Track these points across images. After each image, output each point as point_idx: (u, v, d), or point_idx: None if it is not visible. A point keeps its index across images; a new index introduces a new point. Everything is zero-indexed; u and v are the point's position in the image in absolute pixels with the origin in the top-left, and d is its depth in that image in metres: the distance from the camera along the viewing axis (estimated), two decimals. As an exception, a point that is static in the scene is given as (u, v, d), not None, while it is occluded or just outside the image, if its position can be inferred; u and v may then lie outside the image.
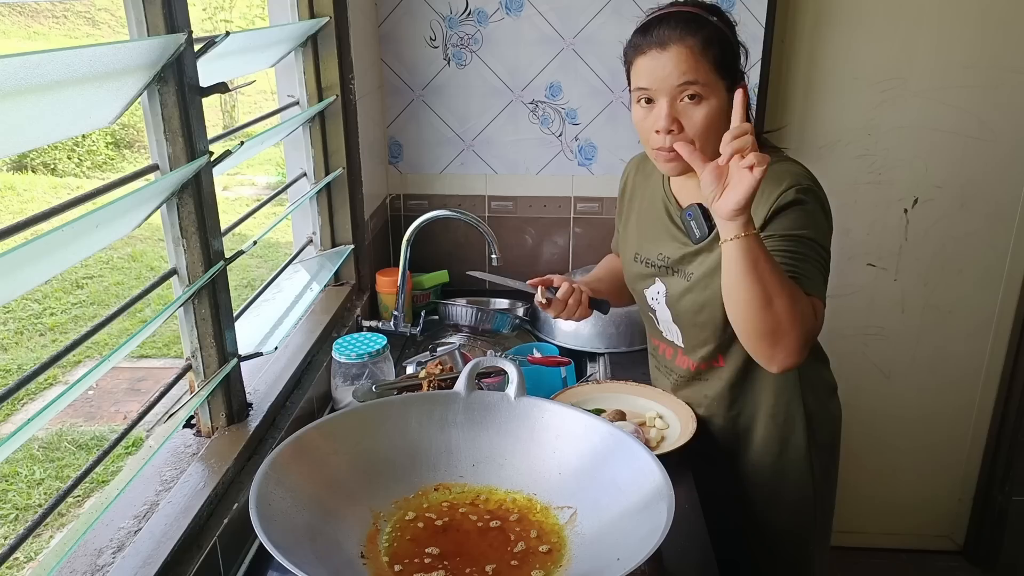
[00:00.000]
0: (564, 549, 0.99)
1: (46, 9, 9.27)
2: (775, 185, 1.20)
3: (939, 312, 2.29)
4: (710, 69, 1.16)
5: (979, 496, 2.46)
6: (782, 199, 1.18)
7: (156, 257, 5.49)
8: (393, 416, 1.12)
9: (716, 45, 1.17)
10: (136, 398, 3.84)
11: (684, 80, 1.16)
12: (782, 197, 1.18)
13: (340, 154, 1.70)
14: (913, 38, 2.04)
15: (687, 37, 1.15)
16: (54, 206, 0.79)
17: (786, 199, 1.18)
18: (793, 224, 1.18)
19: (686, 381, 1.42)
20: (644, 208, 1.41)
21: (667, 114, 1.18)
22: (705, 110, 1.17)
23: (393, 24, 1.97)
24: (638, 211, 1.43)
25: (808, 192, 1.19)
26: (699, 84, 1.16)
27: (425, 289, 2.02)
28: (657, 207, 1.37)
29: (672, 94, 1.17)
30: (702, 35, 1.16)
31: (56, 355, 0.80)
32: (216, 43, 1.05)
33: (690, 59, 1.15)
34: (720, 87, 1.18)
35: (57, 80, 0.76)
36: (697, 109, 1.17)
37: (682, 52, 1.15)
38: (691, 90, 1.16)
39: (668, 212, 1.35)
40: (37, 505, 3.12)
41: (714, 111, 1.18)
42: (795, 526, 1.43)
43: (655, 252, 1.37)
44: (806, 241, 1.17)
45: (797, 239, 1.17)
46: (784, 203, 1.18)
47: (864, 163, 2.16)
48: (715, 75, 1.17)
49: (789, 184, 1.19)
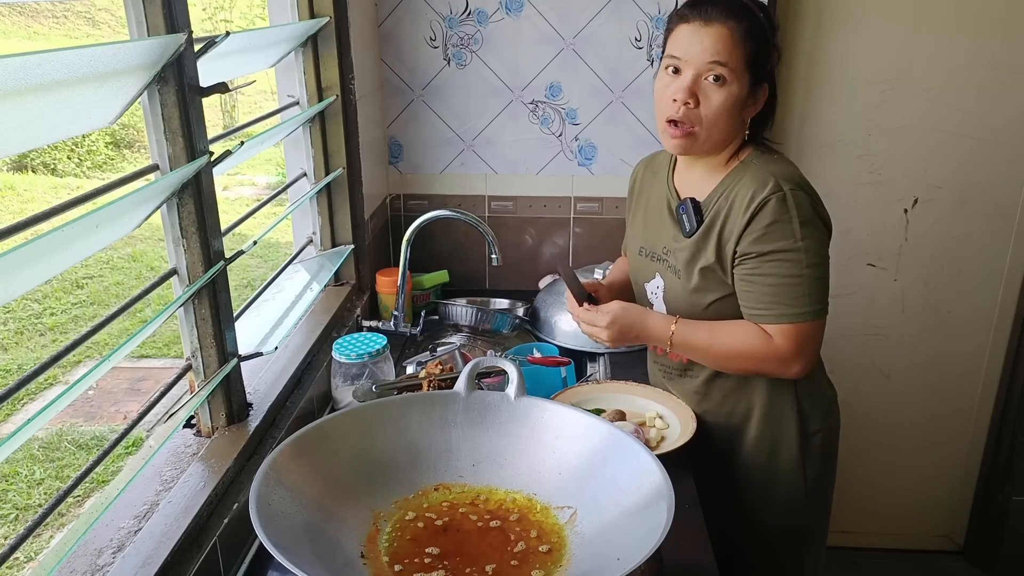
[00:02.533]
0: (564, 549, 0.99)
1: (46, 9, 9.27)
2: (756, 189, 1.22)
3: (939, 312, 2.29)
4: (742, 57, 1.19)
5: (979, 496, 2.46)
6: (760, 205, 1.21)
7: (156, 257, 5.49)
8: (393, 416, 1.12)
9: (754, 38, 1.20)
10: (136, 398, 3.84)
11: (715, 59, 1.19)
12: (760, 204, 1.21)
13: (340, 154, 1.71)
14: (913, 38, 2.04)
15: (731, 20, 1.19)
16: (54, 206, 0.79)
17: (763, 206, 1.21)
18: (770, 239, 1.21)
19: (678, 374, 1.44)
20: (651, 203, 1.43)
21: (688, 86, 1.21)
22: (724, 94, 1.21)
23: (393, 24, 1.97)
24: (645, 206, 1.44)
25: (789, 197, 1.20)
26: (728, 68, 1.19)
27: (425, 289, 2.02)
28: (661, 201, 1.39)
29: (700, 69, 1.20)
30: (745, 24, 1.19)
31: (56, 355, 0.80)
32: (216, 43, 1.05)
33: (728, 41, 1.19)
34: (746, 78, 1.21)
35: (57, 80, 0.76)
36: (718, 91, 1.21)
37: (723, 32, 1.19)
38: (718, 71, 1.20)
39: (669, 205, 1.37)
40: (37, 505, 3.12)
41: (733, 97, 1.21)
42: (787, 527, 1.43)
43: (660, 245, 1.38)
44: (785, 258, 1.20)
45: (778, 259, 1.21)
46: (760, 210, 1.21)
47: (864, 163, 2.16)
48: (744, 65, 1.20)
49: (770, 190, 1.21)
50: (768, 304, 1.23)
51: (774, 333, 1.24)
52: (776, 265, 1.21)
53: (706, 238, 1.28)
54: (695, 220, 1.29)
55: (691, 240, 1.31)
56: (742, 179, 1.25)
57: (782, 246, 1.20)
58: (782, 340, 1.23)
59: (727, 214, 1.25)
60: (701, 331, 1.29)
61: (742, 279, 1.25)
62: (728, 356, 1.28)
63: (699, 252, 1.29)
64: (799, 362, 1.24)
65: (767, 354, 1.24)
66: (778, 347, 1.23)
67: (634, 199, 1.50)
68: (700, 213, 1.29)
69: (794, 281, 1.21)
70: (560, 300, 1.85)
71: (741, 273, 1.25)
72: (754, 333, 1.25)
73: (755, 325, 1.25)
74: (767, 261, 1.22)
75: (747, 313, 1.27)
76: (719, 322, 1.29)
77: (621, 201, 2.08)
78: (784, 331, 1.23)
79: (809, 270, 1.21)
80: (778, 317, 1.23)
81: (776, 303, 1.22)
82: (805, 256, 1.20)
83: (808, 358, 1.25)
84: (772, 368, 1.27)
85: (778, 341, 1.23)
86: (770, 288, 1.22)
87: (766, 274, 1.22)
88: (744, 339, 1.25)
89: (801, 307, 1.22)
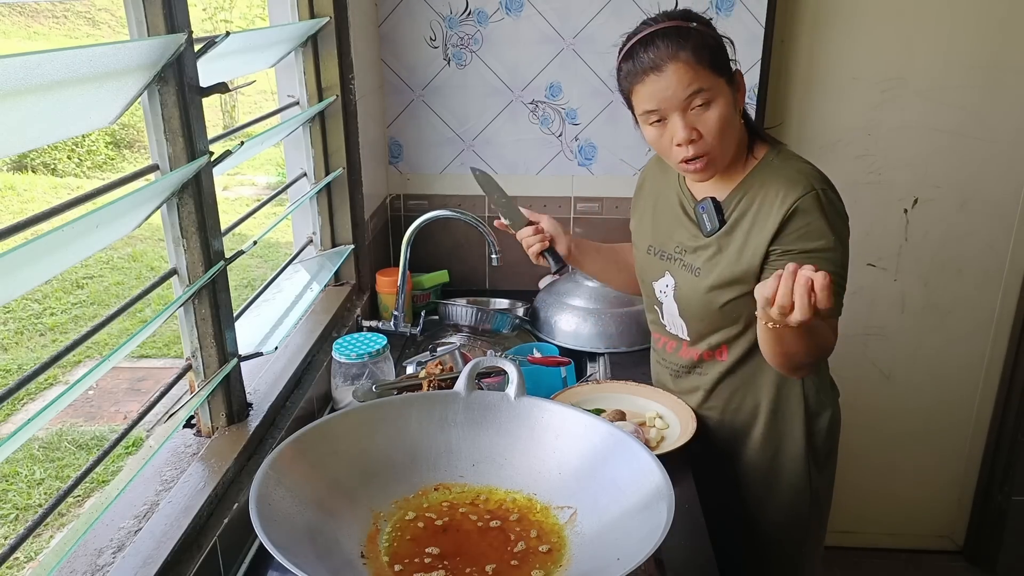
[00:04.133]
0: (564, 549, 0.99)
1: (46, 9, 9.27)
2: (788, 189, 1.23)
3: (939, 312, 2.29)
4: (709, 73, 1.19)
5: (979, 496, 2.46)
6: (796, 205, 1.21)
7: (156, 257, 5.49)
8: (393, 416, 1.12)
9: (706, 48, 1.19)
10: (136, 398, 3.84)
11: (690, 92, 1.18)
12: (796, 203, 1.21)
13: (340, 154, 1.71)
14: (913, 38, 2.04)
15: (679, 52, 1.18)
16: (54, 206, 0.80)
17: (800, 205, 1.21)
18: (810, 238, 1.21)
19: (686, 371, 1.43)
20: (660, 201, 1.43)
21: (683, 126, 1.20)
22: (716, 112, 1.20)
23: (393, 24, 1.97)
24: (654, 204, 1.45)
25: (822, 196, 1.22)
26: (704, 91, 1.19)
27: (425, 289, 2.02)
28: (673, 200, 1.40)
29: (682, 107, 1.20)
30: (691, 45, 1.18)
31: (56, 355, 0.80)
32: (216, 43, 1.05)
33: (688, 71, 1.17)
34: (722, 84, 1.21)
35: (57, 80, 0.76)
36: (708, 113, 1.20)
37: (679, 68, 1.17)
38: (699, 99, 1.19)
39: (683, 205, 1.38)
40: (37, 505, 3.12)
41: (724, 110, 1.21)
42: (789, 526, 1.43)
43: (672, 244, 1.39)
44: (825, 256, 1.20)
45: (818, 257, 1.20)
46: (797, 209, 1.21)
47: (864, 163, 2.16)
48: (714, 76, 1.19)
49: (804, 189, 1.22)
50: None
51: None
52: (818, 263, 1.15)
53: (729, 236, 1.28)
54: (717, 219, 1.30)
55: (713, 239, 1.31)
56: (767, 178, 1.26)
57: (822, 244, 1.21)
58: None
59: (756, 212, 1.25)
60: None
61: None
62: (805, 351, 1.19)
63: (722, 251, 1.29)
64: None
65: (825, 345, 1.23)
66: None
67: (641, 196, 1.50)
68: (721, 212, 1.30)
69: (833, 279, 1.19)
70: (560, 300, 1.85)
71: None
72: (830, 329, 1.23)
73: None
74: (810, 258, 1.20)
75: None
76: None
77: (621, 201, 2.08)
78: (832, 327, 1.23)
79: (842, 269, 1.22)
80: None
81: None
82: (839, 256, 1.22)
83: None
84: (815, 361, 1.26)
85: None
86: None
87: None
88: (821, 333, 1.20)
89: (838, 304, 1.23)
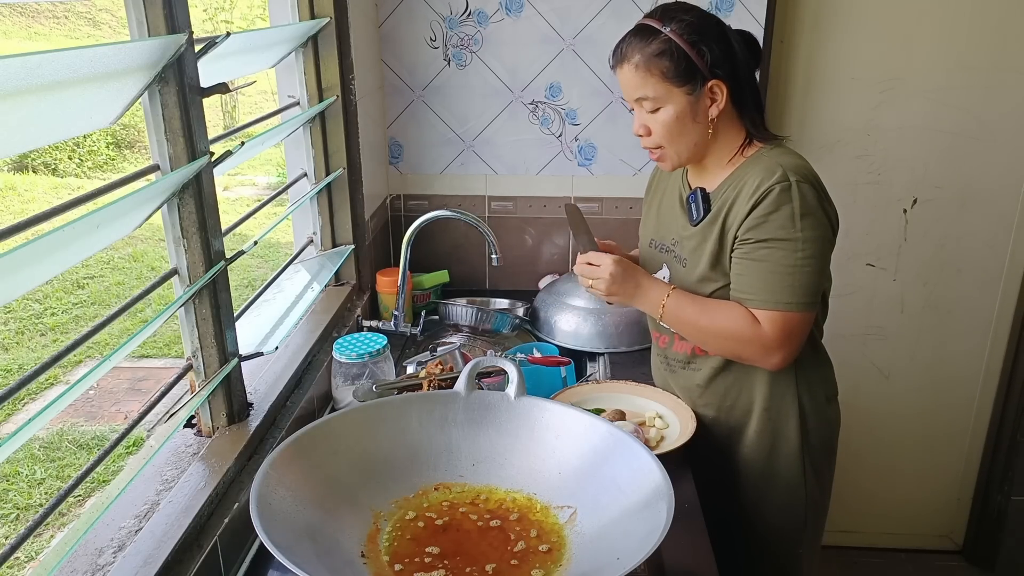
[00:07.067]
0: (564, 548, 0.99)
1: (47, 9, 9.27)
2: (763, 178, 1.24)
3: (938, 312, 2.29)
4: (659, 81, 1.24)
5: (978, 496, 2.46)
6: (765, 193, 1.22)
7: (157, 257, 5.49)
8: (393, 416, 1.13)
9: (666, 57, 1.23)
10: (137, 398, 3.84)
11: (636, 96, 1.27)
12: (765, 191, 1.23)
13: (340, 154, 1.71)
14: (913, 38, 2.04)
15: (633, 55, 1.25)
16: (55, 206, 0.80)
17: (768, 193, 1.22)
18: (770, 227, 1.23)
19: (681, 366, 1.44)
20: (666, 196, 1.45)
21: (637, 121, 1.31)
22: (662, 117, 1.27)
23: (393, 24, 1.98)
24: (660, 200, 1.47)
25: (793, 187, 1.21)
26: (648, 98, 1.26)
27: (425, 289, 2.02)
28: (674, 194, 1.42)
29: (635, 104, 1.29)
30: (648, 51, 1.23)
31: (57, 355, 0.80)
32: (217, 44, 1.05)
33: (635, 77, 1.25)
34: (676, 93, 1.25)
35: (58, 80, 0.76)
36: (655, 117, 1.28)
37: (627, 71, 1.26)
38: (645, 104, 1.27)
39: (681, 197, 1.40)
40: (38, 505, 3.13)
41: (671, 117, 1.26)
42: (785, 525, 1.44)
43: (669, 236, 1.41)
44: (783, 245, 1.22)
45: (774, 247, 1.23)
46: (764, 198, 1.22)
47: (863, 163, 2.16)
48: (666, 84, 1.24)
49: (776, 179, 1.22)
50: (759, 289, 1.25)
51: (762, 319, 1.25)
52: (771, 252, 1.23)
53: (711, 226, 1.30)
54: (703, 208, 1.32)
55: (698, 228, 1.33)
56: (752, 169, 1.27)
57: (780, 235, 1.22)
58: (769, 326, 1.24)
59: (733, 201, 1.27)
60: (693, 304, 1.31)
61: (738, 262, 1.27)
62: (714, 333, 1.29)
63: (705, 240, 1.32)
64: (781, 352, 1.26)
65: (751, 337, 1.25)
66: (764, 333, 1.25)
67: (651, 193, 1.53)
68: (708, 202, 1.32)
69: (787, 270, 1.22)
70: (560, 300, 1.85)
71: (737, 256, 1.27)
72: (743, 315, 1.26)
73: (746, 308, 1.26)
74: (763, 247, 1.23)
75: (737, 296, 1.28)
76: (712, 299, 1.31)
77: (621, 201, 2.08)
78: (772, 318, 1.24)
79: (803, 261, 1.22)
80: (765, 303, 1.24)
81: (766, 289, 1.24)
82: (802, 247, 1.21)
83: (790, 350, 1.26)
84: (754, 353, 1.28)
85: (765, 327, 1.25)
86: (763, 274, 1.24)
87: (760, 260, 1.24)
88: (733, 319, 1.27)
89: (790, 297, 1.23)
